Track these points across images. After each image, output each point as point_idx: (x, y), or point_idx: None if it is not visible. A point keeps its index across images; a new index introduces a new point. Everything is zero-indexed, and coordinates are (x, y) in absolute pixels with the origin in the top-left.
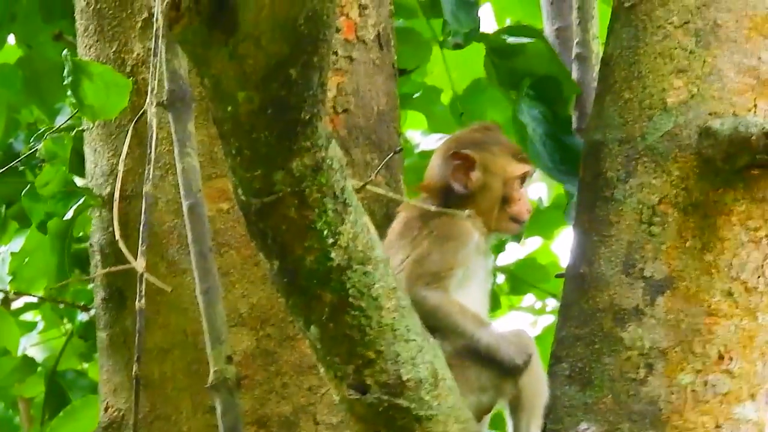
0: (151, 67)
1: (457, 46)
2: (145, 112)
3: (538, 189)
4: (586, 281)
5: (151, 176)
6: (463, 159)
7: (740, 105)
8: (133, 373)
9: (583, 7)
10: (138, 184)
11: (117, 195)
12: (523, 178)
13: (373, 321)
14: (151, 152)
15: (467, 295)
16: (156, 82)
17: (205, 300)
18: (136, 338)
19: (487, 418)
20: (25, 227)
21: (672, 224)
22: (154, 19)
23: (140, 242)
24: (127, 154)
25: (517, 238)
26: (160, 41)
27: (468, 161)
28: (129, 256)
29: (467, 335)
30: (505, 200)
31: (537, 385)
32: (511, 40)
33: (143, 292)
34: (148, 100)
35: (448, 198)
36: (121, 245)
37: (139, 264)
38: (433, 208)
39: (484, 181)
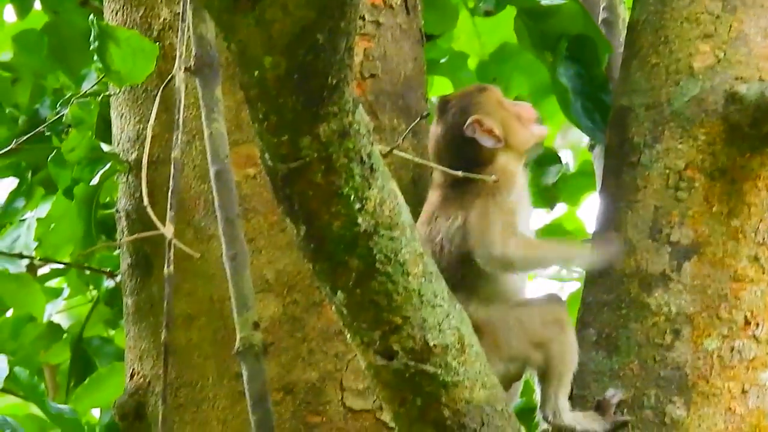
0: (178, 32)
1: (488, 14)
2: (172, 78)
3: (565, 155)
4: None
5: (179, 142)
6: (478, 123)
7: (767, 69)
8: (162, 340)
9: None
10: (164, 150)
11: (145, 160)
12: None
13: (399, 287)
14: (179, 118)
15: (523, 227)
16: (184, 47)
17: (232, 266)
18: (165, 305)
19: (518, 386)
20: (51, 193)
21: (698, 189)
22: None
23: (168, 208)
24: (154, 119)
25: (548, 203)
26: (187, 6)
27: (484, 124)
28: (157, 222)
29: (570, 261)
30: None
31: (567, 354)
32: (544, 1)
33: (171, 259)
34: (176, 65)
35: (468, 158)
36: (149, 211)
37: (168, 230)
38: (463, 174)
39: (504, 130)
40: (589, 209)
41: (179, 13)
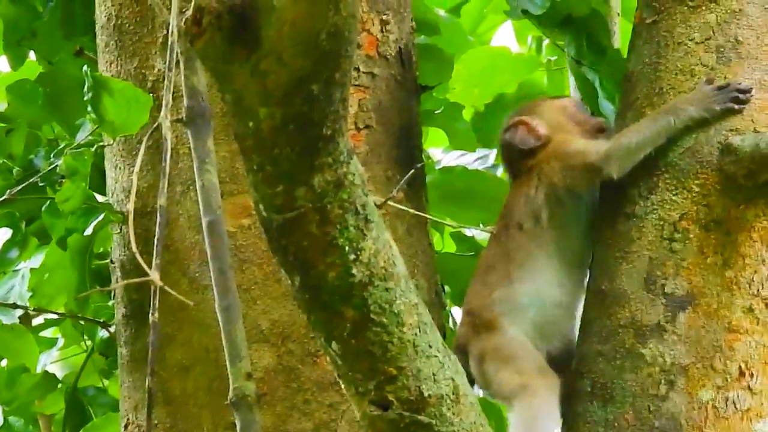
0: (165, 81)
1: (525, 12)
2: (159, 126)
3: None
4: (608, 297)
5: (165, 191)
6: (521, 123)
7: (761, 121)
8: (146, 386)
9: None
10: (160, 200)
11: (131, 208)
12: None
13: (394, 337)
14: (165, 166)
15: None
16: (170, 96)
17: (225, 317)
18: (149, 352)
19: None
20: (45, 243)
21: (693, 240)
22: (170, 33)
23: (155, 255)
24: (149, 170)
25: None
26: (176, 56)
27: (527, 123)
28: (147, 269)
29: (659, 131)
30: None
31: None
32: None
33: (157, 306)
34: (162, 114)
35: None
36: (139, 258)
37: (155, 276)
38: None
39: (550, 127)
40: None
41: (172, 65)
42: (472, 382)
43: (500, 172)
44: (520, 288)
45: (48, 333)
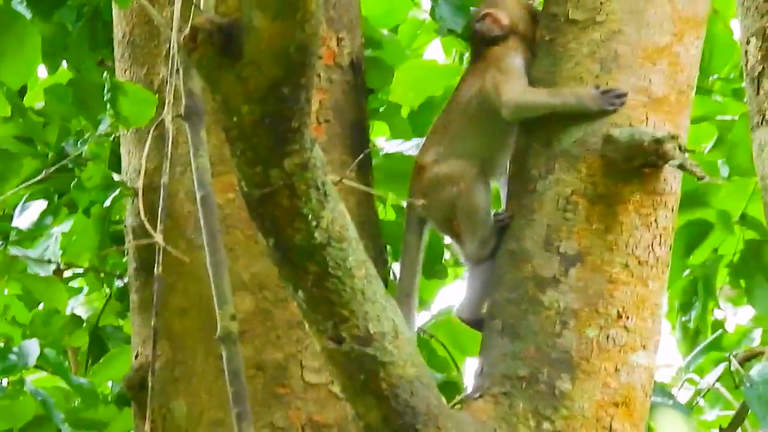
0: (168, 84)
1: (451, 31)
2: (163, 120)
3: None
4: (515, 255)
5: (167, 171)
6: (488, 15)
7: (635, 118)
8: (152, 324)
9: None
10: (163, 179)
11: (141, 184)
12: None
13: (347, 287)
14: (168, 152)
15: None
16: (172, 98)
17: (214, 270)
18: (155, 297)
19: None
20: (73, 212)
21: (582, 211)
22: (171, 47)
23: (159, 222)
24: (154, 154)
25: None
26: (177, 65)
27: (493, 15)
28: (153, 233)
29: (550, 105)
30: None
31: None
32: None
33: (160, 261)
34: (165, 110)
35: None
36: (147, 225)
37: (159, 239)
38: None
39: (511, 19)
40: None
41: (173, 71)
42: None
43: None
44: (447, 152)
45: (75, 283)
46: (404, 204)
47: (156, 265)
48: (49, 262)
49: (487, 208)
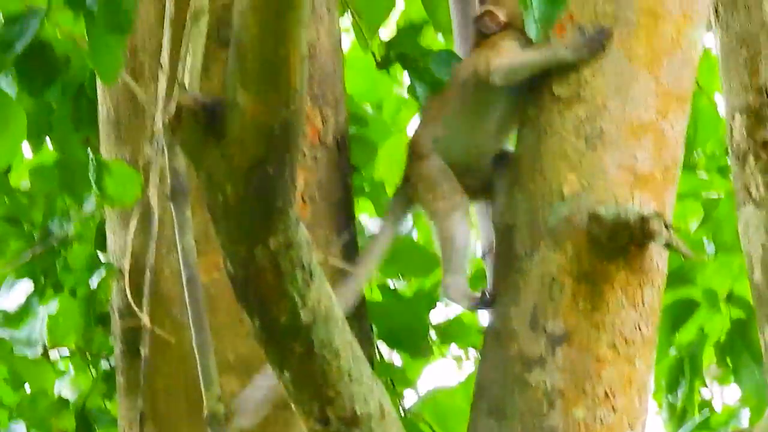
0: (153, 163)
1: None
2: (149, 199)
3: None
4: (501, 335)
5: (153, 251)
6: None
7: (621, 195)
8: (138, 406)
9: None
10: (149, 259)
11: (127, 265)
12: None
13: (333, 367)
14: (153, 232)
15: None
16: (157, 177)
17: (200, 351)
18: (141, 379)
19: None
20: (59, 293)
21: (568, 290)
22: (156, 126)
23: (144, 303)
24: (140, 234)
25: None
26: (161, 144)
27: (492, 13)
28: (139, 314)
29: (539, 61)
30: None
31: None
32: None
33: (147, 342)
34: (150, 190)
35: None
36: (133, 305)
37: (145, 319)
38: None
39: (509, 16)
40: None
41: (158, 150)
42: None
43: (415, 234)
44: (444, 133)
45: (61, 365)
46: (390, 283)
47: (142, 347)
48: (37, 343)
49: (467, 239)
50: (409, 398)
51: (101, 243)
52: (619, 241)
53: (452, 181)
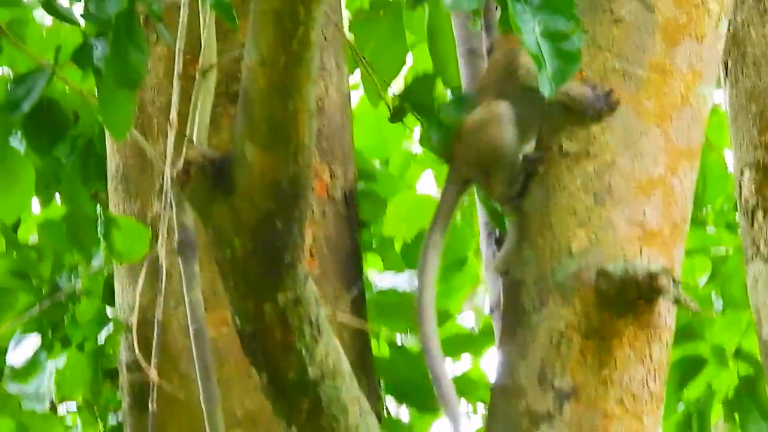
0: (161, 218)
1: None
2: (157, 254)
3: (469, 317)
4: (509, 391)
5: (161, 305)
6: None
7: (629, 251)
8: None
9: None
10: (157, 313)
11: (135, 319)
12: None
13: (341, 423)
14: (161, 286)
15: None
16: (166, 230)
17: (207, 405)
18: None
19: None
20: (67, 347)
21: (576, 346)
22: (165, 181)
23: (152, 357)
24: (148, 289)
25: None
26: (170, 199)
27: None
28: (147, 368)
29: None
30: None
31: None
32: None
33: (154, 397)
34: (159, 244)
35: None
36: (141, 360)
37: (153, 374)
38: None
39: None
40: (490, 361)
41: (167, 205)
42: None
43: None
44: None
45: (69, 419)
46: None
47: (150, 401)
48: (45, 397)
49: (514, 149)
50: None
51: (109, 297)
52: (628, 297)
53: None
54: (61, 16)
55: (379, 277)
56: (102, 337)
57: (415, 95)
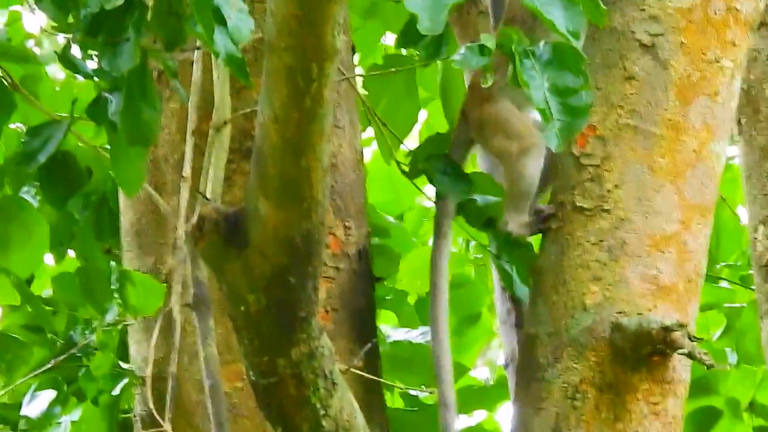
0: (175, 274)
1: None
2: (171, 309)
3: (483, 371)
4: None
5: (175, 360)
6: None
7: (643, 306)
8: None
9: None
10: (171, 368)
11: (149, 373)
12: None
13: None
14: (175, 341)
15: None
16: (180, 285)
17: None
18: None
19: None
20: (81, 402)
21: (590, 399)
22: (178, 237)
23: (167, 411)
24: (162, 343)
25: None
26: (184, 254)
27: None
28: (162, 422)
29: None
30: None
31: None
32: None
33: None
34: (172, 300)
35: None
36: (155, 414)
37: (167, 428)
38: None
39: None
40: (505, 415)
41: (180, 261)
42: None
43: None
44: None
45: None
46: (412, 392)
47: None
48: None
49: (535, 181)
50: None
51: (123, 351)
52: (642, 352)
53: (525, 121)
54: (78, 70)
55: (393, 332)
56: (116, 391)
57: (428, 153)
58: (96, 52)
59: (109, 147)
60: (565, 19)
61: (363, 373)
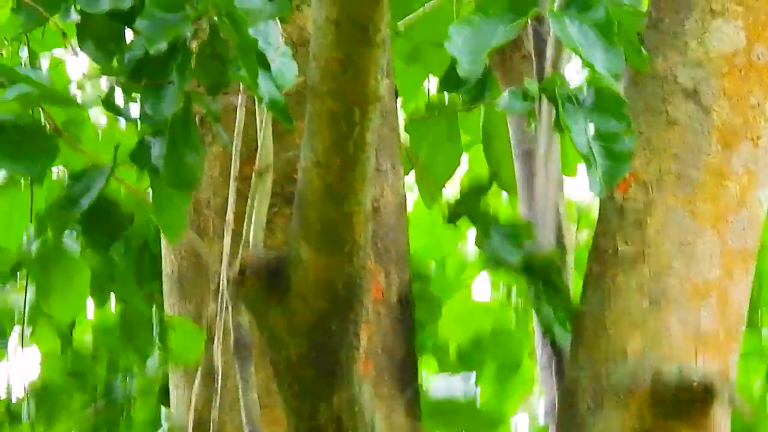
0: (217, 319)
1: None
2: (212, 355)
3: (523, 419)
4: None
5: (217, 405)
6: None
7: (684, 354)
8: None
9: None
10: (212, 414)
11: (191, 418)
12: None
13: None
14: (217, 387)
15: None
16: (221, 332)
17: None
18: None
19: None
20: None
21: None
22: (220, 282)
23: None
24: (203, 389)
25: None
26: (225, 300)
27: None
28: None
29: None
30: None
31: None
32: None
33: None
34: (214, 345)
35: None
36: None
37: None
38: None
39: None
40: None
41: (222, 306)
42: None
43: (478, 390)
44: None
45: None
46: None
47: None
48: None
49: None
50: None
51: (164, 397)
52: (683, 400)
53: None
54: (121, 114)
55: (434, 378)
56: None
57: (469, 202)
58: (139, 96)
59: (151, 192)
60: (605, 62)
61: (403, 420)
